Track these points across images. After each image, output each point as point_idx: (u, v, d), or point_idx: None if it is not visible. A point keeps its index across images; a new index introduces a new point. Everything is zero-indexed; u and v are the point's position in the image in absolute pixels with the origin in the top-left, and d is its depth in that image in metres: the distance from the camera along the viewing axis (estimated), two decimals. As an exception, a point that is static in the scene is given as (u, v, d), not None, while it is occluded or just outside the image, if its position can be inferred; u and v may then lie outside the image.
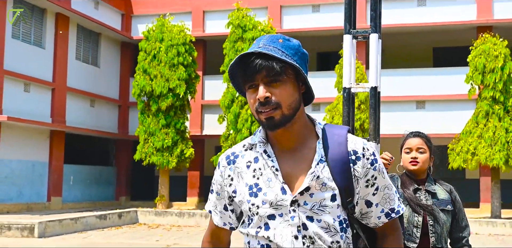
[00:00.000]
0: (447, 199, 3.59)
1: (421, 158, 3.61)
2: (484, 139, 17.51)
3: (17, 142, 18.65)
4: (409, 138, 3.66)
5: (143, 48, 20.90)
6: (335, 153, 1.95)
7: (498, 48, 17.90)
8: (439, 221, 3.50)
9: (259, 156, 2.00)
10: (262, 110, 1.90)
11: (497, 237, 15.65)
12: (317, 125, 2.03)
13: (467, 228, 3.59)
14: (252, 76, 1.91)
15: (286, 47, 1.95)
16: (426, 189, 3.62)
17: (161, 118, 20.46)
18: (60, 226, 15.38)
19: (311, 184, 1.91)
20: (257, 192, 1.97)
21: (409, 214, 3.53)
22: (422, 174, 3.68)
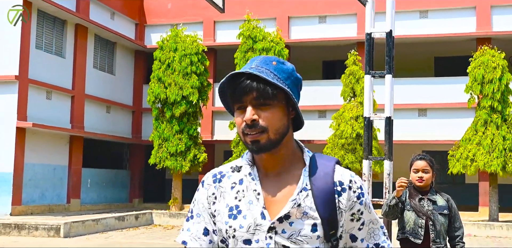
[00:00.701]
0: (444, 205, 4.68)
1: (426, 177, 4.66)
2: (483, 146, 18.46)
3: (40, 147, 19.67)
4: (416, 161, 4.69)
5: (158, 58, 21.90)
6: (320, 182, 1.88)
7: (496, 60, 18.86)
8: (437, 222, 4.57)
9: (244, 178, 1.94)
10: (248, 133, 1.84)
11: (495, 239, 16.60)
12: (306, 153, 1.95)
13: (461, 228, 4.64)
14: (241, 97, 1.85)
15: (279, 70, 1.88)
16: (428, 198, 4.71)
17: (175, 124, 21.45)
18: (83, 226, 16.34)
19: (292, 212, 1.84)
20: (236, 215, 1.90)
21: (414, 218, 4.63)
22: (426, 187, 4.76)
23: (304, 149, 1.97)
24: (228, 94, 1.91)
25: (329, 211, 1.86)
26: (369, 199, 1.95)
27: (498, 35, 21.91)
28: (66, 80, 21.02)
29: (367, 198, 1.94)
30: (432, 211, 4.58)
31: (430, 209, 4.60)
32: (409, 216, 4.62)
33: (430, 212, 4.56)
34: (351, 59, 20.68)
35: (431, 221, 4.57)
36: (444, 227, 4.58)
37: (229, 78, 1.87)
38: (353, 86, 20.35)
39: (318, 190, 1.87)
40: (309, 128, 23.03)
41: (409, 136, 22.02)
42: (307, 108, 23.16)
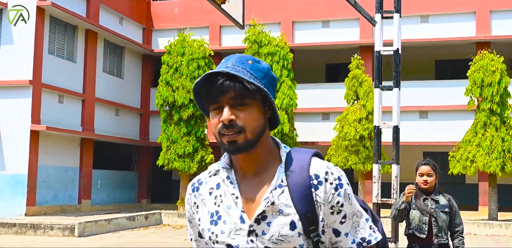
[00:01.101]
0: (446, 204, 5.32)
1: (430, 180, 5.30)
2: (482, 147, 19.03)
3: (52, 149, 20.27)
4: (421, 166, 5.30)
5: (166, 62, 22.47)
6: (296, 177, 1.82)
7: (495, 63, 19.42)
8: (439, 219, 5.21)
9: (221, 182, 1.90)
10: (225, 133, 1.80)
11: (494, 238, 17.16)
12: (282, 149, 1.90)
13: (461, 225, 5.26)
14: (217, 97, 1.80)
15: (255, 69, 1.84)
16: (431, 198, 5.34)
17: (183, 127, 22.02)
18: (96, 226, 16.92)
19: (267, 211, 1.80)
20: (217, 220, 1.86)
21: (419, 215, 5.27)
22: (430, 189, 5.40)
23: (280, 146, 1.92)
24: (204, 95, 1.86)
25: (307, 206, 1.80)
26: (350, 190, 1.87)
27: (497, 39, 22.48)
28: (77, 84, 21.63)
29: (347, 189, 1.86)
30: (435, 209, 5.20)
31: (433, 207, 5.23)
32: (415, 214, 5.24)
33: (433, 210, 5.19)
34: (354, 63, 21.24)
35: (433, 218, 5.18)
36: (446, 223, 5.20)
37: (204, 78, 1.82)
38: (356, 89, 20.91)
39: (294, 186, 1.81)
40: (313, 130, 23.63)
41: (411, 137, 22.57)
42: (311, 110, 23.76)
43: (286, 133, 20.83)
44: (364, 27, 23.29)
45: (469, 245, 14.89)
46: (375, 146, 5.34)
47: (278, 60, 21.35)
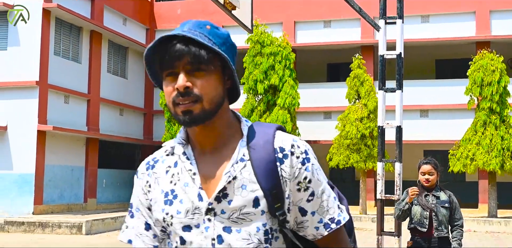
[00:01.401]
0: (446, 200, 5.65)
1: (431, 178, 5.65)
2: (482, 146, 19.31)
3: (58, 149, 20.57)
4: (423, 165, 5.60)
5: (169, 62, 22.73)
6: (259, 151, 1.68)
7: (495, 63, 19.69)
8: (439, 214, 5.54)
9: (178, 159, 1.75)
10: (180, 102, 1.65)
11: (493, 235, 17.45)
12: (243, 122, 1.78)
13: (461, 219, 5.59)
14: (172, 62, 1.65)
15: (214, 34, 1.71)
16: (433, 194, 5.66)
17: (186, 126, 22.27)
18: (103, 224, 17.24)
19: (228, 187, 1.65)
20: (172, 200, 1.71)
21: (420, 210, 5.60)
22: (432, 186, 5.71)
23: (241, 119, 1.79)
24: (157, 61, 1.68)
25: (272, 181, 1.65)
26: (318, 165, 1.73)
27: (497, 39, 22.75)
28: (82, 84, 21.93)
29: (314, 164, 1.71)
30: (436, 205, 5.52)
31: (434, 203, 5.55)
32: (416, 210, 5.56)
33: (434, 205, 5.51)
34: (355, 63, 21.52)
35: (434, 213, 5.50)
36: (446, 218, 5.53)
37: (158, 42, 1.67)
38: (357, 88, 21.20)
39: (258, 160, 1.67)
40: (315, 128, 23.92)
41: (412, 136, 22.84)
42: (313, 109, 24.05)
43: (288, 132, 21.05)
44: (365, 27, 23.58)
45: (469, 242, 15.18)
46: (379, 146, 5.65)
47: (281, 60, 21.63)
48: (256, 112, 21.61)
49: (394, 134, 5.96)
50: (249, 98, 21.98)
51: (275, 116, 20.95)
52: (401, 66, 5.63)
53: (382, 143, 5.66)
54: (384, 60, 5.75)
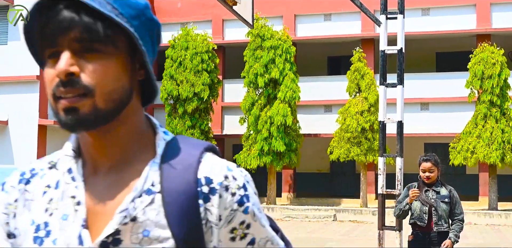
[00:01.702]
0: (446, 195, 5.64)
1: (431, 175, 5.65)
2: (482, 139, 19.34)
3: (60, 143, 20.56)
4: (423, 162, 5.63)
5: (170, 56, 22.77)
6: (176, 180, 1.13)
7: (496, 56, 19.70)
8: (439, 209, 5.54)
9: (61, 177, 1.18)
10: (62, 95, 1.08)
11: (494, 227, 17.51)
12: (160, 135, 1.20)
13: (461, 214, 5.65)
14: (54, 38, 1.09)
15: (123, 3, 1.13)
16: (433, 189, 5.66)
17: (187, 120, 22.35)
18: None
19: (123, 231, 1.10)
20: (43, 238, 1.15)
21: (420, 206, 5.61)
22: (433, 182, 5.68)
23: (158, 130, 1.22)
24: (38, 35, 1.13)
25: (189, 227, 1.12)
26: (258, 203, 1.20)
27: (497, 31, 22.71)
28: (83, 78, 21.91)
29: (255, 203, 1.18)
30: (436, 200, 5.53)
31: (434, 198, 5.56)
32: (416, 205, 5.57)
33: (434, 200, 5.52)
34: (356, 56, 21.53)
35: (434, 208, 5.51)
36: (446, 212, 5.54)
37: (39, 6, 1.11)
38: (358, 82, 21.21)
39: (172, 194, 1.13)
40: (316, 122, 23.94)
41: (412, 129, 22.83)
42: (314, 102, 24.05)
43: (289, 125, 21.15)
44: (366, 21, 23.53)
45: (470, 235, 15.24)
46: (380, 140, 5.67)
47: (281, 54, 21.63)
48: (257, 106, 21.63)
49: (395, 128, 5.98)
50: (250, 92, 21.99)
51: (275, 109, 20.97)
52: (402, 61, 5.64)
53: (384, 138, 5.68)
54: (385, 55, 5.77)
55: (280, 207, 20.16)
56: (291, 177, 24.41)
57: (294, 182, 24.49)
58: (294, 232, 15.92)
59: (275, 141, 20.87)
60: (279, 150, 20.83)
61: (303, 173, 25.90)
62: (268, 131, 21.08)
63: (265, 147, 20.98)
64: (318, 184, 27.01)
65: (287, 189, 24.30)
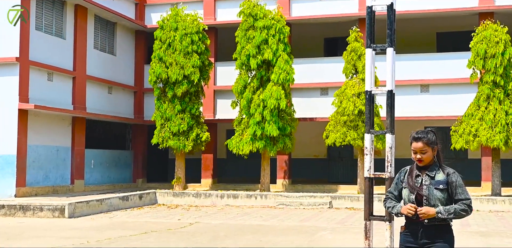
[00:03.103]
0: (442, 180, 4.53)
1: (424, 157, 4.57)
2: (485, 121, 18.43)
3: (42, 128, 19.70)
4: (413, 142, 4.58)
5: (158, 37, 21.81)
6: None
7: (499, 34, 18.73)
8: (431, 197, 4.48)
9: None
10: None
11: (497, 213, 16.67)
12: None
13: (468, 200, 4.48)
14: None
15: None
16: (427, 174, 4.58)
17: (177, 104, 21.43)
18: (87, 207, 16.43)
19: None
20: None
21: (408, 194, 4.56)
22: (428, 164, 4.63)
23: None
24: None
25: None
26: None
27: (500, 9, 21.72)
28: (67, 61, 20.96)
29: None
30: (428, 186, 4.50)
31: (426, 184, 4.53)
32: (405, 193, 4.59)
33: (426, 187, 4.50)
34: (352, 36, 20.58)
35: (425, 197, 4.50)
36: (441, 201, 4.48)
37: None
38: (355, 63, 20.28)
39: None
40: (312, 105, 23.02)
41: (412, 112, 21.98)
42: (309, 85, 23.13)
43: (283, 109, 20.22)
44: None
45: (472, 222, 14.41)
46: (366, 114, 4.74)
47: (274, 34, 20.66)
48: (249, 89, 20.70)
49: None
50: (242, 74, 21.06)
51: (268, 92, 20.04)
52: (393, 19, 4.72)
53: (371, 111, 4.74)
54: (373, 12, 4.84)
55: (273, 194, 19.30)
56: (286, 163, 23.54)
57: (289, 168, 23.63)
58: (286, 221, 15.08)
59: (268, 125, 19.96)
60: (272, 134, 19.93)
61: (299, 159, 25.00)
62: (261, 115, 20.18)
63: (258, 132, 20.08)
64: (314, 170, 26.16)
65: (282, 176, 23.45)
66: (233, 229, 13.31)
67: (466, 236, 12.00)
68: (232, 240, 11.64)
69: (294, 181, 23.99)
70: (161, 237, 12.11)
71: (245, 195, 19.62)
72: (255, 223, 14.68)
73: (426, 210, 4.36)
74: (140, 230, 13.08)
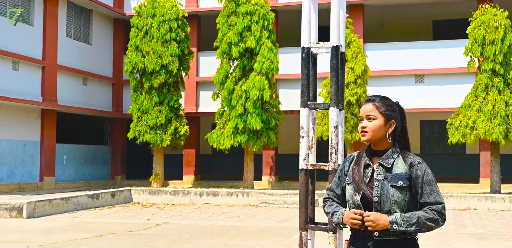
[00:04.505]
0: (403, 173, 3.03)
1: (370, 127, 3.06)
2: (484, 112, 17.08)
3: (6, 121, 18.31)
4: (362, 105, 3.16)
5: (135, 24, 20.44)
6: None
7: (498, 19, 17.37)
8: (385, 199, 2.99)
9: None
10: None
11: (496, 212, 15.31)
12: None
13: (438, 204, 3.00)
14: None
15: None
16: (380, 163, 3.07)
17: (154, 96, 20.06)
18: (50, 206, 15.09)
19: None
20: None
21: (352, 192, 3.08)
22: (381, 145, 3.13)
23: None
24: None
25: None
26: None
27: (500, -6, 20.35)
28: (36, 49, 19.55)
29: None
30: (382, 182, 3.01)
31: (379, 178, 3.03)
32: (348, 192, 3.11)
33: (379, 183, 3.01)
34: (341, 22, 19.17)
35: (377, 198, 3.00)
36: (400, 205, 2.98)
37: None
38: (343, 50, 18.86)
39: None
40: (298, 97, 21.62)
41: (405, 104, 20.26)
42: (296, 76, 21.69)
43: (267, 100, 18.82)
44: (353, -17, 21.13)
45: (468, 222, 13.06)
46: (303, 80, 3.35)
47: (258, 20, 19.27)
48: (231, 79, 19.33)
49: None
50: (223, 63, 19.67)
51: (251, 82, 18.66)
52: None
53: (309, 76, 3.37)
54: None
55: (256, 192, 17.93)
56: (272, 158, 22.17)
57: (276, 164, 22.26)
58: (264, 221, 13.72)
59: (251, 118, 18.57)
60: (255, 128, 18.54)
61: (286, 154, 23.56)
62: (243, 106, 18.80)
63: (239, 125, 18.70)
64: (304, 166, 24.75)
65: (268, 172, 22.08)
66: (200, 231, 11.95)
67: (459, 239, 10.62)
68: (192, 244, 10.26)
69: (281, 178, 22.62)
70: (114, 241, 10.74)
71: (226, 193, 18.27)
72: (228, 224, 13.33)
73: (376, 218, 2.89)
74: (97, 233, 11.72)
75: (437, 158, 22.78)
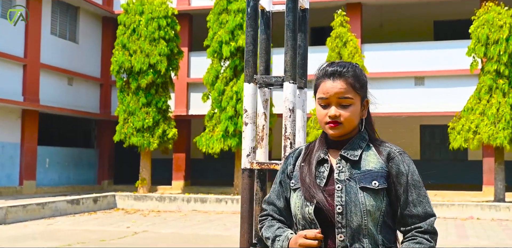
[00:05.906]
0: (377, 170, 2.07)
1: (346, 117, 2.12)
2: (487, 116, 16.15)
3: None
4: (324, 81, 2.18)
5: (122, 22, 19.56)
6: None
7: (503, 17, 16.48)
8: (352, 209, 2.01)
9: None
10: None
11: (500, 223, 14.35)
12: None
13: (427, 218, 2.05)
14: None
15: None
16: (343, 155, 2.12)
17: (141, 97, 19.15)
18: (25, 211, 14.14)
19: None
20: None
21: (301, 202, 2.10)
22: (347, 135, 2.17)
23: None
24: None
25: None
26: None
27: (504, -8, 19.45)
28: (16, 47, 18.64)
29: None
30: (346, 183, 2.04)
31: (341, 179, 2.06)
32: (295, 202, 2.12)
33: (342, 186, 2.04)
34: (337, 20, 18.35)
35: (339, 207, 2.02)
36: (374, 218, 2.01)
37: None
38: (340, 50, 18.03)
39: None
40: (293, 99, 20.73)
41: (405, 108, 19.68)
42: (291, 77, 20.82)
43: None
44: (351, -19, 20.27)
45: (471, 233, 12.11)
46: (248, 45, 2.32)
47: (250, 18, 18.34)
48: (222, 79, 18.42)
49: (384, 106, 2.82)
50: (214, 63, 18.77)
51: (242, 83, 17.71)
52: None
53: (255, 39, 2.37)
54: None
55: (245, 198, 16.98)
56: (265, 163, 21.20)
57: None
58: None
59: (241, 120, 17.63)
60: (246, 131, 17.58)
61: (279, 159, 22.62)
62: (234, 108, 17.90)
63: (230, 128, 17.78)
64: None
65: (261, 177, 21.09)
66: (180, 241, 11.00)
67: (461, 252, 9.67)
68: (165, 256, 9.31)
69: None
70: (81, 251, 9.78)
71: (215, 199, 17.32)
72: (212, 233, 12.37)
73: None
74: (66, 241, 10.76)
75: (438, 164, 21.91)
